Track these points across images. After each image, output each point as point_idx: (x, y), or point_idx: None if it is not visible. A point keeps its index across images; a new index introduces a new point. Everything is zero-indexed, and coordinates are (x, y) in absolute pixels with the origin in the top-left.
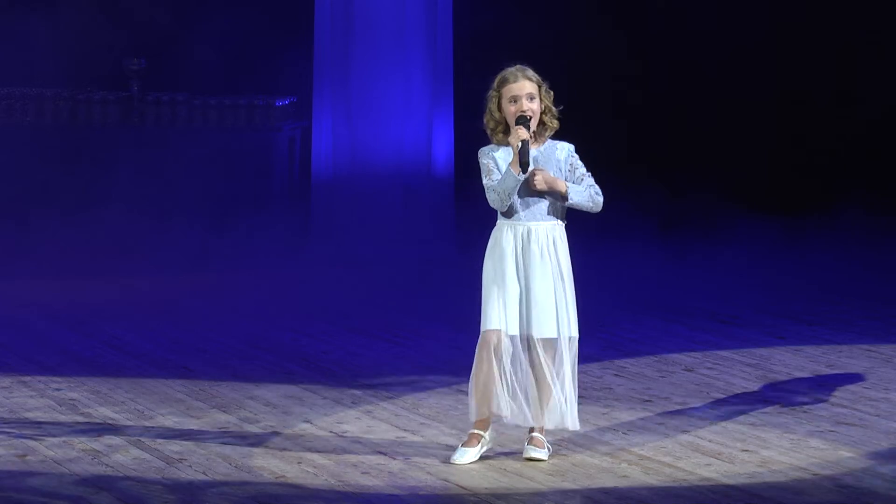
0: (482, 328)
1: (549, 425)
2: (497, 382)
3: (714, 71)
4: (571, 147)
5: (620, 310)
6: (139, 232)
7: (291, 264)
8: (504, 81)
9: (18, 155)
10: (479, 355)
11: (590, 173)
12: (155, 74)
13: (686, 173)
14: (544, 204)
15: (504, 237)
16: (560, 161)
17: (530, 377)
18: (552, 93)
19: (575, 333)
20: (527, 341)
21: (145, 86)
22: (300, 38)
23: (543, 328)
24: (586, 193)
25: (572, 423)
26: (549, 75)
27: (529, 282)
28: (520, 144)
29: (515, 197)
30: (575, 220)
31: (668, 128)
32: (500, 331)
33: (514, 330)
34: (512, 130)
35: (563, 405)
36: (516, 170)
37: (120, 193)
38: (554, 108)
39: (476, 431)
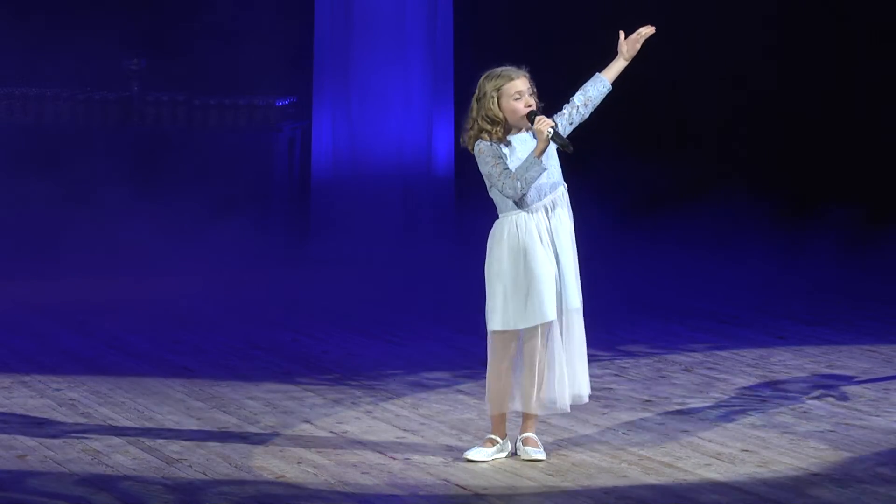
0: (537, 321)
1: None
2: (557, 371)
3: (719, 71)
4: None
5: (621, 310)
6: (139, 231)
7: (291, 264)
8: (504, 80)
9: (18, 155)
10: (502, 354)
11: (558, 114)
12: (155, 74)
13: (687, 173)
14: (549, 177)
15: (527, 228)
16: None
17: (562, 356)
18: (536, 91)
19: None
20: (560, 317)
21: (145, 86)
22: (300, 38)
23: (574, 299)
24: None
25: (586, 388)
26: (548, 73)
27: (559, 258)
28: (550, 132)
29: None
30: (577, 220)
31: (669, 126)
32: (549, 322)
33: (554, 314)
34: (517, 127)
35: (584, 373)
36: (541, 159)
37: (119, 193)
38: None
39: (492, 437)
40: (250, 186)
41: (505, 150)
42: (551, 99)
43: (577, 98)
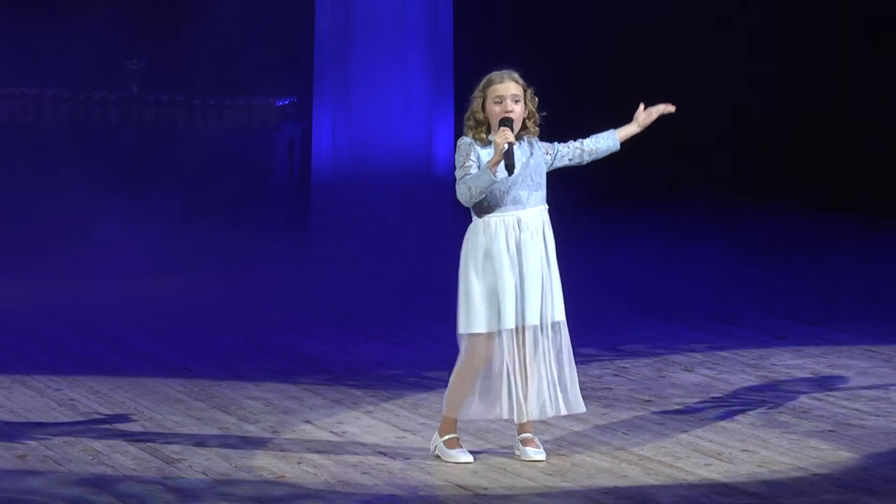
0: (494, 328)
1: (534, 416)
2: (504, 384)
3: (719, 70)
4: (535, 138)
5: (621, 310)
6: (139, 231)
7: (291, 264)
8: (490, 83)
9: (18, 155)
10: (481, 358)
11: (556, 143)
12: (155, 74)
13: (684, 172)
14: (527, 193)
15: (496, 232)
16: (539, 154)
17: (525, 369)
18: (537, 99)
19: (561, 318)
20: (521, 332)
21: (145, 86)
22: (300, 38)
23: (532, 316)
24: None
25: (575, 406)
26: (548, 73)
27: (523, 271)
28: (505, 147)
29: (502, 187)
30: (577, 219)
31: (664, 125)
32: (514, 328)
33: (512, 323)
34: (496, 131)
35: (553, 391)
36: (494, 170)
37: (119, 193)
38: (537, 114)
39: (455, 436)
40: (250, 186)
41: (486, 152)
42: (550, 99)
43: (588, 144)
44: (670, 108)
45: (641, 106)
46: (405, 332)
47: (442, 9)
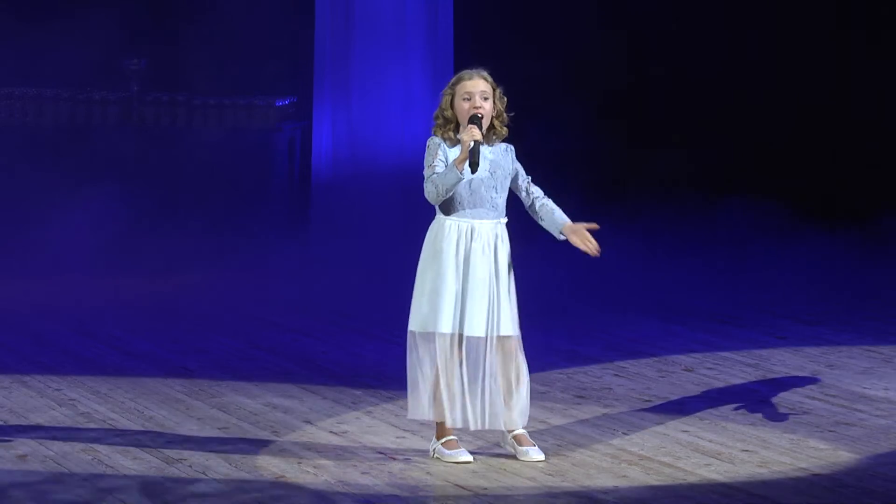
0: (430, 329)
1: (475, 426)
2: (458, 389)
3: (722, 70)
4: (512, 148)
5: (620, 310)
6: (139, 231)
7: (291, 264)
8: (459, 79)
9: (18, 155)
10: (418, 356)
11: (529, 177)
12: (155, 74)
13: (684, 171)
14: (489, 200)
15: (447, 234)
16: (509, 165)
17: (464, 378)
18: (506, 99)
19: (510, 332)
20: (458, 339)
21: (145, 86)
22: (300, 38)
23: (475, 327)
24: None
25: (510, 423)
26: (547, 73)
27: (467, 280)
28: (471, 144)
29: (463, 192)
30: (576, 219)
31: (663, 125)
32: (450, 334)
33: (448, 329)
34: (463, 128)
35: (493, 406)
36: (460, 167)
37: (120, 193)
38: (505, 115)
39: (452, 437)
40: (250, 186)
41: (454, 151)
42: (550, 99)
43: (541, 207)
44: (593, 252)
45: (595, 225)
46: (405, 332)
47: (442, 9)
